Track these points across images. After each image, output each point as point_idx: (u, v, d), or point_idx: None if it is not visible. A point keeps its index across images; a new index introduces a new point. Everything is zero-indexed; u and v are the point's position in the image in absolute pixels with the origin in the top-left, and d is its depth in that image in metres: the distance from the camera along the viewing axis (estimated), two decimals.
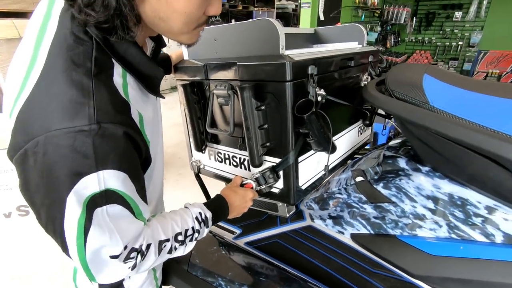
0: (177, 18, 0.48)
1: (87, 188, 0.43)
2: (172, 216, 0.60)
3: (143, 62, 0.52)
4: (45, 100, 0.42)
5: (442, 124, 0.56)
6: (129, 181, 0.47)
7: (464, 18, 4.60)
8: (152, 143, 0.56)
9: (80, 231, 0.44)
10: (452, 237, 0.62)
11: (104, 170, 0.43)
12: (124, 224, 0.48)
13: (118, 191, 0.46)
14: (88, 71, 0.44)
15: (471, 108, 0.58)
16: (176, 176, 2.79)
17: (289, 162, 0.73)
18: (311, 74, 0.69)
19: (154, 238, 0.53)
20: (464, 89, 0.64)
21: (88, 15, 0.43)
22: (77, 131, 0.41)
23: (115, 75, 0.48)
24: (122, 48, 0.49)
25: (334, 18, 2.65)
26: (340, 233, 0.81)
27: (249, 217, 0.99)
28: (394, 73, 0.73)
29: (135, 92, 0.52)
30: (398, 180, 0.72)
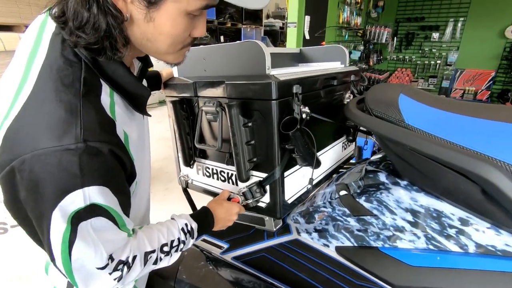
0: (164, 40, 0.51)
1: (73, 204, 0.44)
2: (158, 228, 0.61)
3: (130, 82, 0.54)
4: (33, 120, 0.44)
5: (416, 141, 0.60)
6: (112, 195, 0.49)
7: (441, 39, 4.88)
8: (137, 159, 0.58)
9: (65, 244, 0.45)
10: (430, 248, 0.65)
11: (89, 187, 0.44)
12: (108, 236, 0.49)
13: (103, 205, 0.47)
14: (77, 92, 0.46)
15: (442, 126, 0.63)
16: (163, 191, 2.76)
17: (275, 177, 0.75)
18: (296, 93, 0.73)
19: (140, 250, 0.54)
20: (436, 108, 0.69)
21: (79, 37, 0.45)
22: (64, 149, 0.42)
23: (103, 94, 0.50)
24: (110, 69, 0.51)
25: (319, 38, 2.77)
26: (325, 246, 0.83)
27: (237, 232, 1.00)
28: (373, 92, 0.78)
29: (122, 111, 0.54)
30: (379, 193, 0.75)
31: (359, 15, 3.87)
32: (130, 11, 0.47)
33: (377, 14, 4.67)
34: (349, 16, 3.47)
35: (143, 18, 0.47)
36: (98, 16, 0.44)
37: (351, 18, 3.57)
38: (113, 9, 0.44)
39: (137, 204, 0.67)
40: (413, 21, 5.02)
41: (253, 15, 6.93)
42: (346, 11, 3.36)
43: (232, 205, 0.78)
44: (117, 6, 0.45)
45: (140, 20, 0.48)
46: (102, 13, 0.44)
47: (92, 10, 0.44)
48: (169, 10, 0.47)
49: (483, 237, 0.60)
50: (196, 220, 0.68)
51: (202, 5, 0.49)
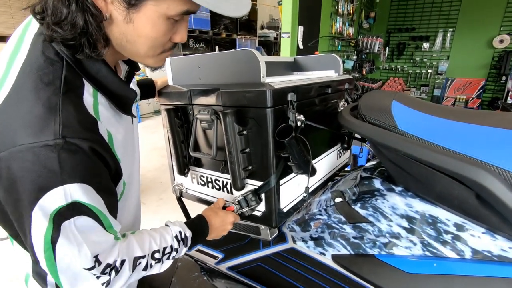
0: (143, 42, 0.51)
1: (53, 202, 0.43)
2: (151, 233, 0.60)
3: (114, 83, 0.54)
4: (11, 118, 0.43)
5: (409, 147, 0.61)
6: (95, 194, 0.47)
7: (431, 49, 4.99)
8: (124, 160, 0.57)
9: (47, 243, 0.44)
10: (426, 254, 0.65)
11: (70, 184, 0.44)
12: (93, 237, 0.47)
13: (85, 204, 0.46)
14: (57, 90, 0.45)
15: (435, 132, 0.63)
16: (157, 201, 2.72)
17: (270, 185, 0.75)
18: (291, 101, 0.73)
19: (128, 254, 0.53)
20: (428, 114, 0.70)
21: (55, 32, 0.45)
22: (42, 146, 0.42)
23: (85, 94, 0.50)
24: (93, 69, 0.51)
25: (312, 47, 2.81)
26: (321, 254, 0.82)
27: (232, 241, 0.99)
28: (366, 99, 0.78)
29: (106, 111, 0.54)
30: (374, 200, 0.75)
31: (351, 25, 3.96)
32: (110, 11, 0.47)
33: (368, 24, 4.77)
34: (342, 27, 3.54)
35: (123, 19, 0.48)
36: (76, 13, 0.44)
37: (344, 28, 3.64)
38: (92, 8, 0.45)
39: (126, 208, 0.66)
40: (404, 32, 5.14)
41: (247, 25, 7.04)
42: (339, 21, 3.42)
43: (227, 214, 0.77)
44: (97, 5, 0.45)
45: (120, 20, 0.48)
46: (81, 10, 0.44)
47: (71, 7, 0.44)
48: (148, 13, 0.48)
49: (479, 242, 0.60)
50: (190, 228, 0.66)
51: (183, 10, 0.49)
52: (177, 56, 0.90)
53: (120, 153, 0.55)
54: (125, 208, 0.64)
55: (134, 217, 0.73)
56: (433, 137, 0.62)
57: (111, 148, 0.52)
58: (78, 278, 0.46)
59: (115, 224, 0.53)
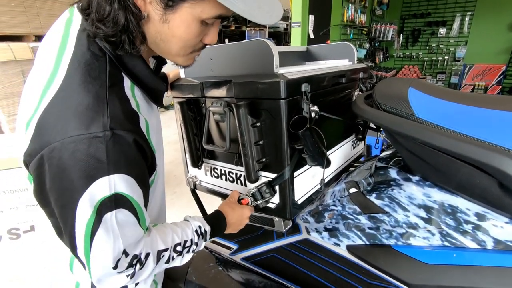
0: (176, 42, 0.53)
1: (100, 191, 0.45)
2: (172, 227, 0.62)
3: (148, 76, 0.57)
4: (62, 109, 0.46)
5: (428, 134, 0.59)
6: (137, 186, 0.50)
7: (448, 34, 4.80)
8: (157, 151, 0.60)
9: (88, 233, 0.46)
10: (445, 245, 0.63)
11: (115, 174, 0.46)
12: (128, 231, 0.50)
13: (127, 195, 0.48)
14: (103, 83, 0.48)
15: (454, 119, 0.61)
16: (171, 195, 2.77)
17: (284, 177, 0.74)
18: (305, 92, 0.72)
19: (153, 248, 0.55)
20: (447, 101, 0.68)
21: (99, 28, 0.48)
22: (92, 137, 0.44)
23: (125, 87, 0.53)
24: (131, 64, 0.54)
25: (323, 36, 2.75)
26: (336, 245, 0.82)
27: (246, 233, 1.00)
28: (381, 87, 0.76)
29: (142, 103, 0.57)
30: (390, 190, 0.74)
31: (363, 13, 3.85)
32: (148, 10, 0.49)
33: (382, 11, 4.63)
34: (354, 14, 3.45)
35: (159, 18, 0.50)
36: (118, 11, 0.47)
37: (356, 16, 3.54)
38: (133, 7, 0.47)
39: (154, 200, 0.68)
40: (419, 17, 4.96)
41: None
42: (351, 9, 3.34)
43: (244, 209, 0.78)
44: (137, 4, 0.48)
45: (156, 20, 0.50)
46: (122, 8, 0.47)
47: (114, 5, 0.47)
48: (184, 15, 0.50)
49: (501, 232, 0.58)
50: (209, 223, 0.69)
51: (216, 14, 0.51)
52: None
53: (154, 142, 0.57)
54: (153, 197, 0.66)
55: (160, 208, 0.75)
56: (452, 124, 0.60)
57: (148, 139, 0.54)
58: (106, 269, 0.48)
59: (147, 219, 0.55)
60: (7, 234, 1.87)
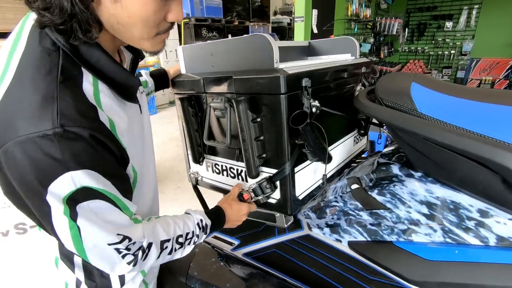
0: (135, 23, 0.49)
1: (63, 188, 0.44)
2: (174, 219, 0.63)
3: (114, 71, 0.53)
4: (12, 109, 0.44)
5: (430, 130, 0.58)
6: (104, 179, 0.48)
7: (455, 28, 4.72)
8: (132, 150, 0.57)
9: (71, 223, 0.46)
10: (447, 241, 0.63)
11: (76, 171, 0.44)
12: (111, 217, 0.50)
13: (96, 188, 0.47)
14: (54, 79, 0.45)
15: (457, 114, 0.60)
16: (175, 190, 2.79)
17: (285, 172, 0.74)
18: (305, 87, 0.72)
19: (155, 238, 0.56)
20: (450, 96, 0.66)
21: (44, 17, 0.45)
22: (41, 135, 0.42)
23: (84, 83, 0.49)
24: (93, 58, 0.50)
25: (327, 31, 2.72)
26: (337, 241, 0.82)
27: (247, 228, 1.00)
28: (384, 82, 0.75)
29: (108, 99, 0.53)
30: (392, 186, 0.73)
31: (368, 6, 3.80)
32: None
33: (387, 5, 4.56)
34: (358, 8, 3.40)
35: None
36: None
37: (360, 10, 3.50)
38: None
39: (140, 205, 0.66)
40: (425, 11, 4.88)
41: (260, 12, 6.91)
42: (355, 3, 3.29)
43: (242, 206, 0.79)
44: None
45: (107, 1, 0.46)
46: None
47: None
48: None
49: (504, 229, 0.57)
50: (210, 217, 0.71)
51: None
52: (190, 44, 0.89)
53: (125, 140, 0.55)
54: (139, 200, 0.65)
55: (149, 210, 0.74)
56: (455, 120, 0.59)
57: (114, 135, 0.52)
58: (105, 255, 0.49)
59: (130, 206, 0.55)
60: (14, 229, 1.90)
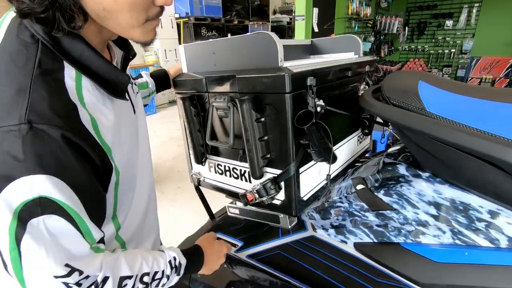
0: (122, 8, 0.45)
1: (18, 194, 0.39)
2: (143, 254, 0.56)
3: (100, 65, 0.50)
4: None
5: (439, 129, 0.57)
6: (69, 190, 0.43)
7: (455, 26, 4.71)
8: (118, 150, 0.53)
9: (13, 242, 0.39)
10: (457, 243, 0.62)
11: (36, 175, 0.39)
12: (65, 241, 0.42)
13: (56, 200, 0.41)
14: (29, 73, 0.42)
15: (466, 113, 0.59)
16: (175, 190, 2.77)
17: (290, 173, 0.73)
18: (310, 85, 0.70)
19: (114, 272, 0.48)
20: (458, 94, 0.65)
21: (22, 3, 0.41)
22: (5, 131, 0.39)
23: (66, 78, 0.46)
24: (76, 51, 0.47)
25: (328, 30, 2.71)
26: (343, 242, 0.80)
27: (251, 229, 0.98)
28: (390, 80, 0.74)
29: (92, 96, 0.49)
30: (399, 186, 0.72)
31: (368, 5, 3.78)
32: None
33: (387, 3, 4.55)
34: (358, 7, 3.39)
35: None
36: None
37: (361, 8, 3.48)
38: None
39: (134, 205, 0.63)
40: (425, 9, 4.87)
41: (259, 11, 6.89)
42: (355, 1, 3.28)
43: (222, 247, 0.76)
44: None
45: None
46: None
47: None
48: None
49: None
50: (186, 256, 0.64)
51: None
52: (191, 43, 0.88)
53: (109, 139, 0.51)
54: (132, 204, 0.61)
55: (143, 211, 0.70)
56: (465, 119, 0.57)
57: (94, 136, 0.48)
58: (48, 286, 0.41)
59: (95, 232, 0.47)
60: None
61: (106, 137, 0.50)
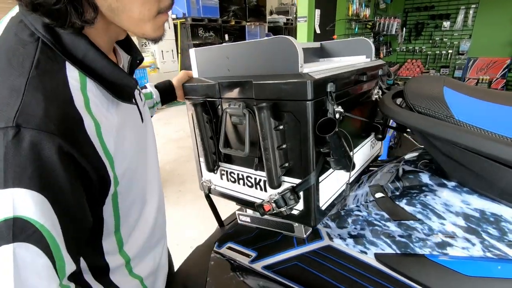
0: None
1: None
2: None
3: (105, 67, 0.47)
4: None
5: (473, 139, 0.54)
6: (52, 212, 0.37)
7: (452, 27, 4.75)
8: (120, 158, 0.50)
9: None
10: (488, 256, 0.59)
11: (15, 189, 0.34)
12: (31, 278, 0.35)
13: (34, 222, 0.35)
14: (24, 72, 0.39)
15: (498, 121, 0.57)
16: (176, 193, 2.73)
17: (310, 182, 0.70)
18: (330, 92, 0.68)
19: None
20: (486, 101, 0.63)
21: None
22: None
23: (69, 78, 0.43)
24: (79, 51, 0.45)
25: (329, 31, 2.70)
26: (362, 253, 0.78)
27: (263, 239, 0.95)
28: (412, 86, 0.72)
29: (96, 99, 0.47)
30: (422, 196, 0.70)
31: (367, 6, 3.78)
32: None
33: (385, 4, 4.56)
34: (358, 8, 3.39)
35: None
36: None
37: (360, 10, 3.48)
38: None
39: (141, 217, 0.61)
40: (422, 11, 4.90)
41: (256, 11, 6.88)
42: (355, 2, 3.27)
43: None
44: None
45: None
46: None
47: None
48: None
49: None
50: None
51: None
52: (202, 47, 0.85)
53: (111, 144, 0.48)
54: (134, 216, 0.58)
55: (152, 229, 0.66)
56: (497, 128, 0.55)
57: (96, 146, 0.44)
58: None
59: (68, 264, 0.40)
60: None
61: (109, 143, 0.47)
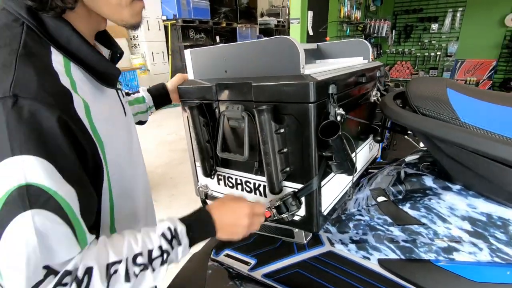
0: None
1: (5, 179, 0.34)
2: (130, 234, 0.48)
3: (89, 53, 0.47)
4: None
5: (480, 141, 0.53)
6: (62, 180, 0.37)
7: (440, 30, 4.84)
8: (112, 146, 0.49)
9: None
10: (496, 261, 0.58)
11: (23, 156, 0.34)
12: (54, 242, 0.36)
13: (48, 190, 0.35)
14: (13, 50, 0.39)
15: (503, 123, 0.56)
16: (169, 197, 2.67)
17: (312, 187, 0.68)
18: (331, 94, 0.66)
19: (99, 260, 0.41)
20: (489, 103, 0.62)
21: None
22: None
23: (53, 62, 0.43)
24: (63, 37, 0.45)
25: (322, 33, 2.70)
26: (365, 258, 0.76)
27: (262, 245, 0.93)
28: (415, 88, 0.70)
29: (81, 83, 0.47)
30: (426, 199, 0.68)
31: (358, 8, 3.82)
32: None
33: (375, 7, 4.62)
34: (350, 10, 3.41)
35: None
36: None
37: (352, 12, 3.51)
38: None
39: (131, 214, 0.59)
40: (411, 13, 4.98)
41: (247, 13, 6.86)
42: (347, 5, 3.29)
43: (240, 205, 0.60)
44: None
45: None
46: None
47: None
48: None
49: None
50: (184, 221, 0.52)
51: None
52: (198, 48, 0.82)
53: (102, 129, 0.47)
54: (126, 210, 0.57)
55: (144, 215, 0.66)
56: (503, 130, 0.54)
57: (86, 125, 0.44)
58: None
59: (87, 232, 0.42)
60: None
61: (99, 127, 0.47)
